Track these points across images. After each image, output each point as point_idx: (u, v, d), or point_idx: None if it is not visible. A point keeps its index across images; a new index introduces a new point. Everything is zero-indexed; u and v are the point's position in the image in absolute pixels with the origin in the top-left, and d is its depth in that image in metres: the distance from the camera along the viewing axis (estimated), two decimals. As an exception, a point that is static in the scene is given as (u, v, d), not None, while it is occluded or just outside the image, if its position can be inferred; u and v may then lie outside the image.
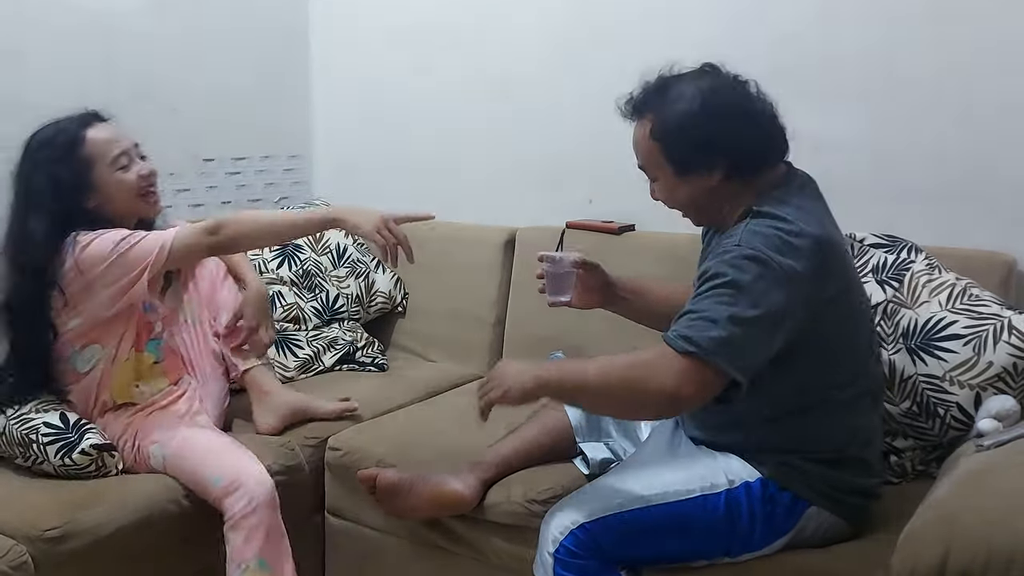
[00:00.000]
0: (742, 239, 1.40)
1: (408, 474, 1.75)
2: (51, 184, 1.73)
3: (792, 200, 1.46)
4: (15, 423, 1.75)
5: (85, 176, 1.76)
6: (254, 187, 2.90)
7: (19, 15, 2.25)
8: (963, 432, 1.67)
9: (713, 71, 1.50)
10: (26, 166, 1.78)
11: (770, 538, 1.49)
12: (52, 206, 1.73)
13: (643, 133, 1.52)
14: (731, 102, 1.47)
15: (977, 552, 1.18)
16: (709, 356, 1.34)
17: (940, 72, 2.05)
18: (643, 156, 1.54)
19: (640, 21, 2.40)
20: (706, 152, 1.46)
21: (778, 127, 1.50)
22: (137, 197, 1.81)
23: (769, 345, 1.39)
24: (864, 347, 1.55)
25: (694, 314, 1.38)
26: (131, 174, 1.80)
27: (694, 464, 1.55)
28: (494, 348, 2.52)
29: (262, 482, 1.72)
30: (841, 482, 1.50)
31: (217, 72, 2.72)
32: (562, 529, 1.49)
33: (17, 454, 1.77)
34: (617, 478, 1.58)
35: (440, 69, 2.76)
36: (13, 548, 1.54)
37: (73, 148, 1.76)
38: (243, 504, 1.69)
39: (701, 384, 1.36)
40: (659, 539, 1.50)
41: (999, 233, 1.98)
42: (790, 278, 1.37)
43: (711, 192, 1.49)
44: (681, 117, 1.46)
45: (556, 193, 2.57)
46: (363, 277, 2.61)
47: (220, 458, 1.78)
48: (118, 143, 1.80)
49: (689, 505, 1.48)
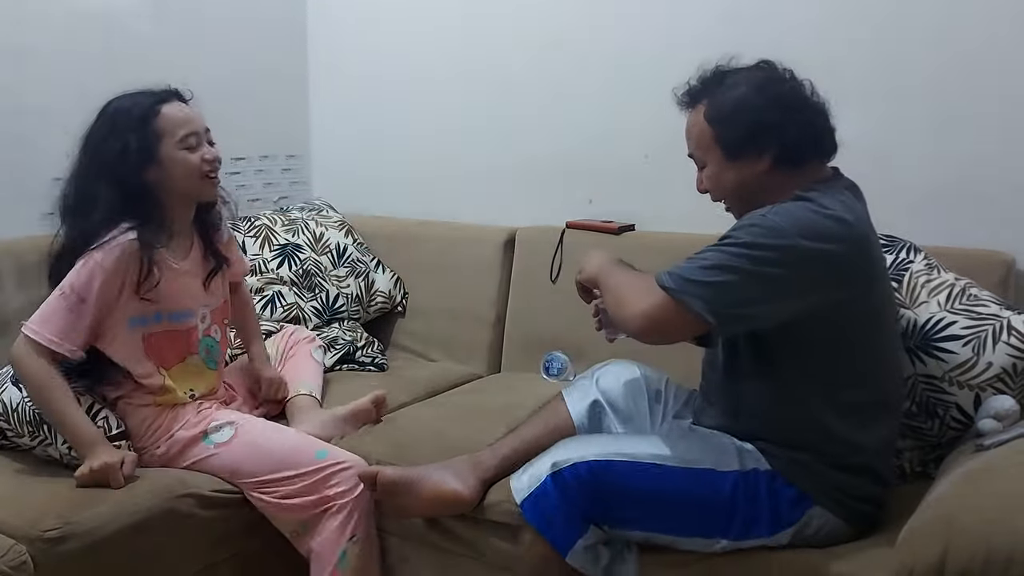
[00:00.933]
0: (770, 211, 1.43)
1: (408, 473, 1.75)
2: (121, 150, 1.76)
3: (836, 195, 1.48)
4: (29, 401, 1.77)
5: (152, 148, 1.78)
6: (253, 187, 2.90)
7: (19, 14, 2.25)
8: (962, 432, 1.68)
9: (769, 66, 1.56)
10: (100, 131, 1.80)
11: (773, 527, 1.49)
12: (118, 171, 1.76)
13: (697, 117, 1.56)
14: (784, 92, 1.53)
15: (976, 551, 1.18)
16: (684, 296, 1.40)
17: (940, 72, 2.05)
18: (695, 140, 1.58)
19: (640, 21, 2.40)
20: (757, 136, 1.50)
21: (828, 125, 1.55)
22: (199, 178, 1.84)
23: (761, 306, 1.41)
24: (885, 353, 1.55)
25: (693, 257, 1.44)
26: (196, 155, 1.83)
27: (711, 441, 1.57)
28: (494, 348, 2.52)
29: (360, 460, 1.84)
30: (848, 486, 1.50)
31: (216, 72, 2.71)
32: (568, 457, 1.50)
33: (25, 432, 1.78)
34: (632, 437, 1.62)
35: (439, 69, 2.76)
36: (13, 548, 1.53)
37: (146, 120, 1.79)
38: (353, 482, 1.77)
39: (668, 318, 1.42)
40: (659, 501, 1.49)
41: (998, 233, 1.99)
42: (808, 257, 1.39)
43: (757, 180, 1.52)
44: (736, 101, 1.51)
45: (556, 193, 2.58)
46: (363, 277, 2.62)
47: (317, 440, 1.87)
48: (190, 123, 1.84)
49: (697, 476, 1.49)
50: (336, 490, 1.77)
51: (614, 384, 1.83)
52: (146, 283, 1.78)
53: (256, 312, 2.27)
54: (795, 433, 1.51)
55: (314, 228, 2.64)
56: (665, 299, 1.41)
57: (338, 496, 1.77)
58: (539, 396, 2.04)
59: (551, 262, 2.41)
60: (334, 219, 2.72)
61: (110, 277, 1.74)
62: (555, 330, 2.33)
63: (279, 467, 1.79)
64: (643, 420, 1.80)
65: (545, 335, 2.38)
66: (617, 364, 1.89)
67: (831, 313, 1.44)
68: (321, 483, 1.77)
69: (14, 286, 2.09)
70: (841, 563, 1.45)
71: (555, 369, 2.39)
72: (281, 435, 1.88)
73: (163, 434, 1.84)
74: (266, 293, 2.49)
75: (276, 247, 2.54)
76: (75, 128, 1.82)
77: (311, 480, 1.77)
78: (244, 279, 2.19)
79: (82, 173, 1.80)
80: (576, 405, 1.82)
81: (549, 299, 2.40)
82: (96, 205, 1.76)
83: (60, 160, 1.82)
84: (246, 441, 1.83)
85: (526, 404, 1.98)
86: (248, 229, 2.56)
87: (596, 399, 1.81)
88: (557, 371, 2.38)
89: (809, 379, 1.50)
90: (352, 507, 1.78)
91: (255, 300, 2.46)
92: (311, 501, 1.77)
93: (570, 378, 2.33)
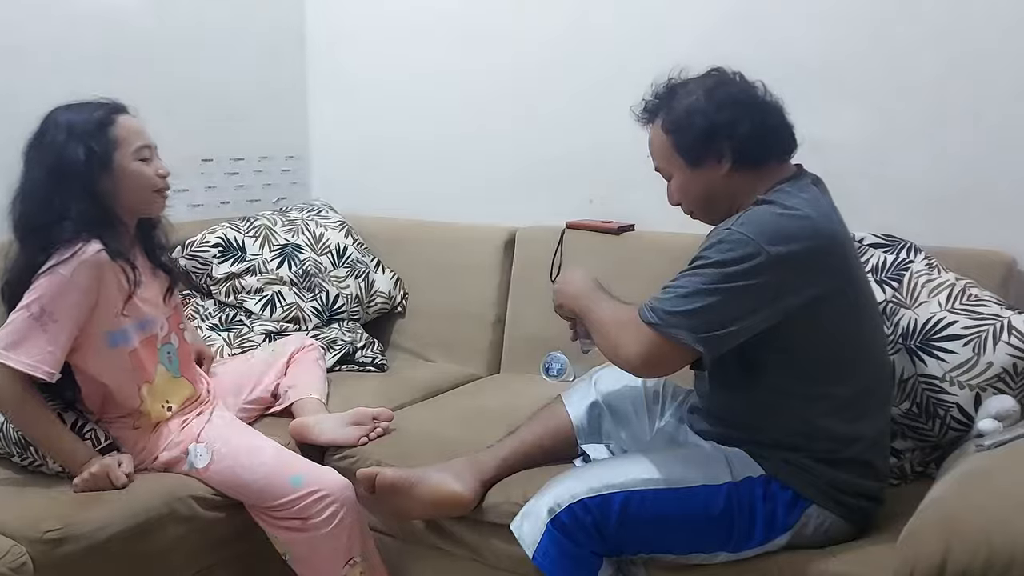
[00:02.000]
0: (735, 223, 1.45)
1: (408, 474, 1.75)
2: (85, 157, 1.70)
3: (800, 193, 1.50)
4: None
5: (108, 156, 1.73)
6: (252, 187, 2.90)
7: (18, 14, 2.25)
8: (963, 433, 1.67)
9: (719, 72, 1.58)
10: (55, 140, 1.72)
11: (770, 534, 1.49)
12: (84, 180, 1.70)
13: (656, 130, 1.59)
14: (734, 92, 1.55)
15: (977, 552, 1.18)
16: (669, 329, 1.41)
17: (940, 72, 2.05)
18: (657, 153, 1.60)
19: (640, 22, 2.40)
20: (711, 139, 1.52)
21: (785, 122, 1.56)
22: (151, 192, 1.80)
23: (744, 321, 1.42)
24: (868, 345, 1.56)
25: (669, 287, 1.45)
26: (150, 168, 1.79)
27: (699, 456, 1.57)
28: (494, 348, 2.52)
29: (338, 481, 1.77)
30: (843, 482, 1.50)
31: (215, 72, 2.72)
32: (560, 501, 1.50)
33: (14, 453, 1.77)
34: (621, 461, 1.62)
35: (439, 69, 2.76)
36: (12, 549, 1.53)
37: (104, 126, 1.74)
38: (332, 509, 1.72)
39: (662, 354, 1.44)
40: (656, 526, 1.50)
41: (999, 233, 1.98)
42: (778, 262, 1.40)
43: (722, 185, 1.54)
44: (687, 107, 1.54)
45: (556, 193, 2.58)
46: (363, 277, 2.61)
47: (292, 460, 1.81)
48: (144, 135, 1.80)
49: (690, 495, 1.49)
50: (316, 520, 1.72)
51: (612, 387, 1.84)
52: (135, 289, 1.74)
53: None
54: (785, 432, 1.52)
55: (314, 228, 2.64)
56: (653, 336, 1.43)
57: (321, 524, 1.72)
58: (539, 397, 2.03)
59: (551, 262, 2.41)
60: (334, 219, 2.72)
61: (84, 293, 1.67)
62: (555, 330, 2.31)
63: (257, 499, 1.76)
64: (641, 422, 1.81)
65: (545, 335, 2.37)
66: (615, 367, 1.89)
67: (810, 310, 1.44)
68: (301, 512, 1.73)
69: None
70: (842, 564, 1.45)
71: (555, 369, 2.39)
72: (255, 459, 1.79)
73: (148, 456, 1.81)
74: (266, 293, 2.49)
75: (276, 247, 2.54)
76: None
77: (291, 508, 1.74)
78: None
79: (42, 184, 1.71)
80: (575, 407, 1.82)
81: (549, 299, 2.37)
82: (63, 216, 1.68)
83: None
84: (223, 468, 1.78)
85: (526, 405, 1.98)
86: (248, 229, 2.56)
87: (595, 400, 1.82)
88: (557, 371, 2.38)
89: (795, 376, 1.50)
90: (337, 533, 1.73)
91: (255, 300, 2.48)
92: (296, 526, 1.74)
93: (570, 379, 2.33)
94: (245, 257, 2.49)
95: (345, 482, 1.78)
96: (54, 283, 1.65)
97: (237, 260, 2.49)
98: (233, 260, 2.49)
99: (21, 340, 1.64)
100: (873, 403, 1.55)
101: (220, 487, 1.79)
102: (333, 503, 1.73)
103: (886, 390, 1.62)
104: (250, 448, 1.81)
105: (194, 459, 1.79)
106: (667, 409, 1.81)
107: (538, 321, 2.41)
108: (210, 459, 1.79)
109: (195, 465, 1.79)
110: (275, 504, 1.75)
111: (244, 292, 2.48)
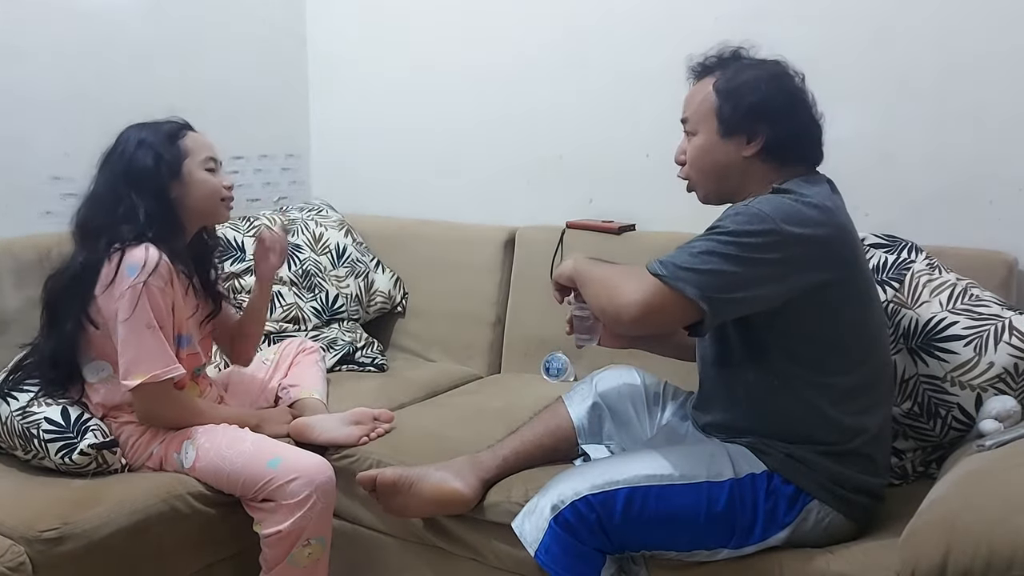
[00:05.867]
0: (753, 201, 1.45)
1: (408, 473, 1.75)
2: (154, 162, 1.81)
3: (814, 187, 1.51)
4: (18, 415, 1.76)
5: (178, 163, 1.84)
6: (252, 187, 2.90)
7: (18, 14, 2.25)
8: (964, 433, 1.67)
9: (785, 64, 1.59)
10: (127, 149, 1.82)
11: (771, 530, 1.49)
12: (152, 184, 1.80)
13: (704, 86, 1.58)
14: (793, 89, 1.56)
15: (978, 552, 1.18)
16: (677, 282, 1.40)
17: (941, 72, 2.05)
18: (695, 107, 1.59)
19: (640, 21, 2.40)
20: (756, 119, 1.53)
21: (820, 138, 1.58)
22: (217, 200, 1.89)
23: (751, 291, 1.42)
24: (873, 339, 1.56)
25: (682, 247, 1.45)
26: (217, 178, 1.89)
27: (702, 452, 1.56)
28: (494, 348, 2.52)
29: (318, 466, 1.77)
30: (845, 477, 1.50)
31: (215, 71, 2.72)
32: (563, 498, 1.50)
33: (17, 446, 1.78)
34: (624, 457, 1.61)
35: (439, 68, 2.76)
36: (11, 548, 1.53)
37: (174, 138, 1.86)
38: (305, 493, 1.72)
39: (663, 304, 1.42)
40: (659, 522, 1.49)
41: (1000, 233, 1.98)
42: (793, 241, 1.41)
43: (739, 164, 1.55)
44: (749, 80, 1.54)
45: (556, 193, 2.58)
46: (363, 277, 2.61)
47: (272, 446, 1.83)
48: (211, 149, 1.91)
49: (694, 491, 1.49)
50: (289, 501, 1.71)
51: (613, 388, 1.84)
52: (188, 295, 1.86)
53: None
54: (789, 422, 1.52)
55: (314, 228, 2.64)
56: (658, 286, 1.42)
57: (295, 507, 1.71)
58: (539, 396, 2.03)
59: (551, 262, 2.41)
60: (333, 219, 2.72)
61: (162, 298, 1.77)
62: (555, 330, 2.32)
63: (242, 490, 1.77)
64: (641, 424, 1.81)
65: (545, 335, 2.37)
66: (616, 369, 1.90)
67: (820, 295, 1.45)
68: (275, 493, 1.73)
69: (12, 285, 2.08)
70: (843, 563, 1.44)
71: (555, 369, 2.39)
72: (235, 449, 1.80)
73: (143, 450, 1.84)
74: (265, 293, 2.48)
75: (275, 247, 2.53)
76: (73, 128, 1.82)
77: (267, 489, 1.74)
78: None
79: (111, 189, 1.81)
80: (576, 408, 1.82)
81: (549, 299, 2.37)
82: (128, 219, 1.77)
83: (57, 160, 1.82)
84: (207, 462, 1.79)
85: (526, 405, 1.98)
86: (248, 229, 2.55)
87: (596, 401, 1.82)
88: (557, 371, 2.38)
89: (800, 365, 1.50)
90: (307, 514, 1.72)
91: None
92: (270, 508, 1.74)
93: (571, 379, 2.33)
94: (245, 257, 2.48)
95: (325, 469, 1.77)
96: (136, 295, 1.73)
97: (237, 260, 2.48)
98: (233, 260, 2.48)
99: (148, 354, 1.75)
100: (876, 397, 1.55)
101: (209, 481, 1.80)
102: (307, 486, 1.72)
103: (888, 386, 1.63)
104: (231, 439, 1.83)
105: (183, 457, 1.82)
106: (667, 410, 1.81)
107: (538, 321, 2.41)
108: (195, 455, 1.81)
109: (184, 463, 1.81)
110: (256, 489, 1.75)
111: (244, 292, 2.47)
